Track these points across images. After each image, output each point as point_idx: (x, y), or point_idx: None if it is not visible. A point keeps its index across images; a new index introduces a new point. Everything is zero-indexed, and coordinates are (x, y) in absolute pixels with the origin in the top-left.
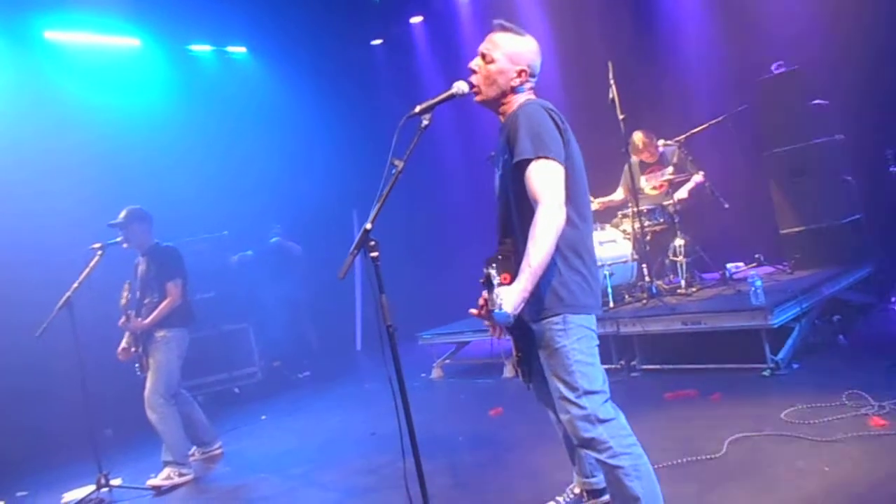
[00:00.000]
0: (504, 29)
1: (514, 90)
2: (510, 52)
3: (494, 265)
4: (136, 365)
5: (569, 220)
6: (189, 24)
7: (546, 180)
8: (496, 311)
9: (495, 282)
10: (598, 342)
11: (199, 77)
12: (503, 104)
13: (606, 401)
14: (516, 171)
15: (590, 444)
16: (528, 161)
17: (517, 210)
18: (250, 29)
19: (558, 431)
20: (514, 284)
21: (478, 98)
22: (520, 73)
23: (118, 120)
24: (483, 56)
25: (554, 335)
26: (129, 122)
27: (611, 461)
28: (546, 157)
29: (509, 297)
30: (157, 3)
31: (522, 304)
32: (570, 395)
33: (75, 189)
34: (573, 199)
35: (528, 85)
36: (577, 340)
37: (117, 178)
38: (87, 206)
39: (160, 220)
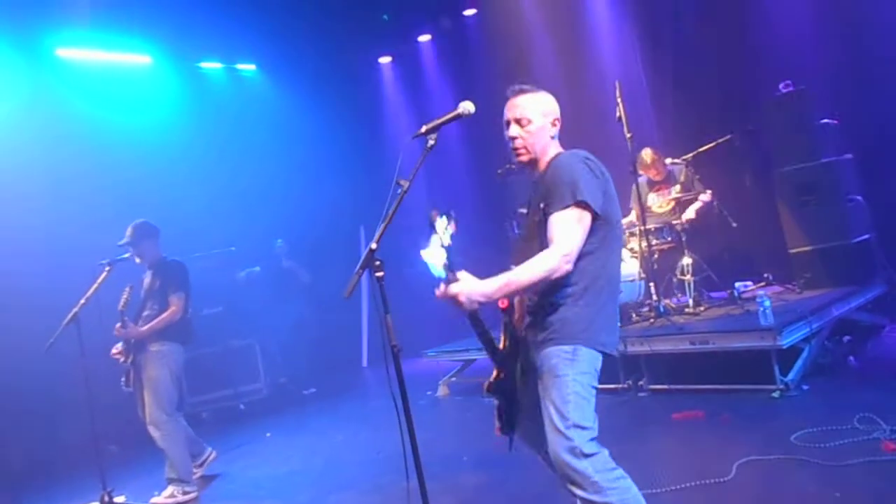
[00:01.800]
0: (524, 91)
1: (551, 138)
2: (542, 109)
3: (450, 225)
4: (122, 379)
5: (604, 253)
6: (199, 42)
7: (566, 227)
8: (431, 263)
9: (439, 232)
10: (597, 385)
11: (210, 94)
12: (541, 158)
13: (593, 439)
14: (548, 214)
15: (575, 476)
16: (565, 207)
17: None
18: (260, 46)
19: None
20: (484, 281)
21: (523, 158)
22: (554, 123)
23: (129, 137)
24: (518, 121)
25: (560, 362)
26: (140, 138)
27: (597, 498)
28: (581, 205)
29: (471, 284)
30: (168, 21)
31: (480, 303)
32: (560, 425)
33: (86, 205)
34: (610, 241)
35: (556, 137)
36: (581, 374)
37: (128, 194)
38: (96, 221)
39: (169, 236)
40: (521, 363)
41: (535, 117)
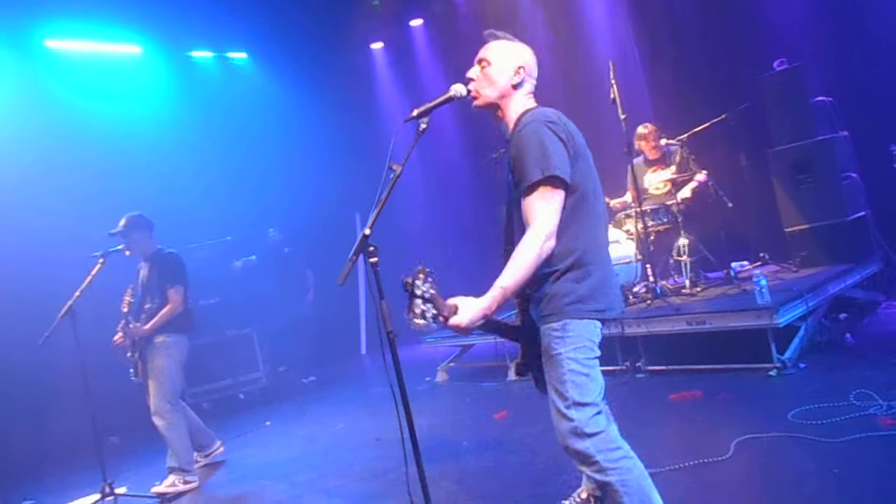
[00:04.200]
0: (496, 37)
1: (514, 88)
2: (505, 53)
3: (423, 276)
4: (131, 370)
5: (578, 222)
6: (190, 31)
7: (542, 207)
8: (410, 321)
9: (418, 292)
10: (598, 353)
11: (201, 83)
12: (502, 107)
13: (597, 414)
14: (522, 196)
15: (577, 456)
16: (536, 183)
17: (520, 232)
18: (251, 34)
19: None
20: (480, 299)
21: (477, 102)
22: (517, 71)
23: (120, 127)
24: (479, 62)
25: (551, 341)
26: (131, 129)
27: (598, 476)
28: (551, 180)
29: (470, 310)
30: (158, 11)
31: (481, 320)
32: (560, 405)
33: (77, 197)
34: (583, 210)
35: (527, 86)
36: (574, 349)
37: (120, 185)
38: (89, 213)
39: (163, 227)
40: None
41: (495, 59)
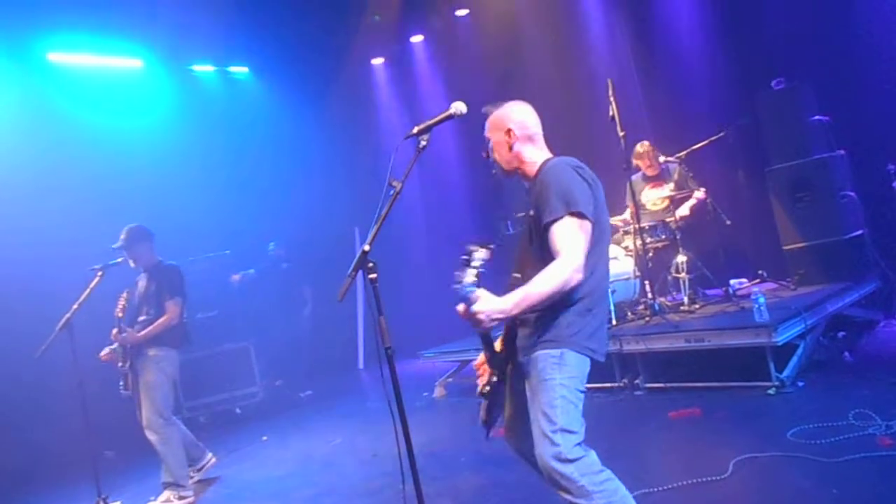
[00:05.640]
0: (487, 112)
1: (511, 149)
2: (495, 125)
3: (480, 246)
4: (121, 383)
5: (590, 268)
6: (191, 45)
7: (571, 238)
8: (459, 287)
9: (474, 263)
10: (584, 391)
11: (202, 97)
12: (518, 168)
13: (578, 444)
14: (545, 232)
15: (559, 480)
16: (559, 219)
17: (534, 266)
18: (252, 49)
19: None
20: (500, 298)
21: (496, 173)
22: (508, 133)
23: (121, 141)
24: (487, 141)
25: (547, 366)
26: (132, 142)
27: (583, 502)
28: (576, 214)
29: (489, 302)
30: (160, 24)
31: (498, 319)
32: (547, 429)
33: (78, 210)
34: (597, 249)
35: (526, 139)
36: (569, 378)
37: (120, 198)
38: (89, 226)
39: (163, 240)
40: (511, 365)
41: (491, 135)
